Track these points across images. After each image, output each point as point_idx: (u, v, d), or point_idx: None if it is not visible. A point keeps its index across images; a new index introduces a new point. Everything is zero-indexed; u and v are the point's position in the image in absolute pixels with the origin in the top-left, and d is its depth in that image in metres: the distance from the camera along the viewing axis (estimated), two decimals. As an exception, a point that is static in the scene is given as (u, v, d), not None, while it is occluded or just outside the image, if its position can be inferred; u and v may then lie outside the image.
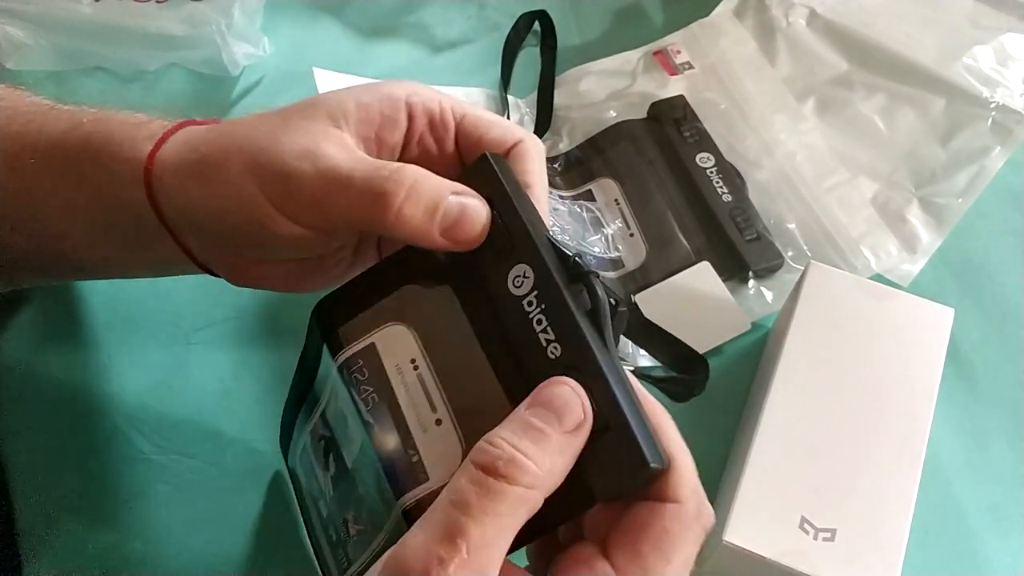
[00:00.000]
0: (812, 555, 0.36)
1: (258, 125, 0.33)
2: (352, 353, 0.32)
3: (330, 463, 0.33)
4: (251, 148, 0.32)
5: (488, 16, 0.62)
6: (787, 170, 0.54)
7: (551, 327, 0.28)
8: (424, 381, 0.30)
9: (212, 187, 0.32)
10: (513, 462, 0.25)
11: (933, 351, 0.42)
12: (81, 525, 0.42)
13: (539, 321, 0.29)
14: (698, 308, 0.49)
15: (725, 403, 0.47)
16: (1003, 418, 0.48)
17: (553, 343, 0.28)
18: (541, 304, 0.29)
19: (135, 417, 0.45)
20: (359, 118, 0.33)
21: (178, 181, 0.33)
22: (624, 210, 0.53)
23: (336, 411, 0.33)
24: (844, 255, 0.51)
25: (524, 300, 0.29)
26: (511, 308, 0.29)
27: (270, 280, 0.36)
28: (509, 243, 0.30)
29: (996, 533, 0.44)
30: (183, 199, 0.33)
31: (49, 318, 0.48)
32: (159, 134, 0.34)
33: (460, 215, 0.30)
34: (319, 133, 0.32)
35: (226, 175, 0.32)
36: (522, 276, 0.29)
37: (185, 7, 0.56)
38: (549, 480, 0.26)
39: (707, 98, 0.57)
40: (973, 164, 0.55)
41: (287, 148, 0.31)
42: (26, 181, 0.35)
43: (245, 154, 0.32)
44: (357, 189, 0.30)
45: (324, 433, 0.34)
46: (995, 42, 0.58)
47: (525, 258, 0.30)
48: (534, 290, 0.29)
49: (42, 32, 0.56)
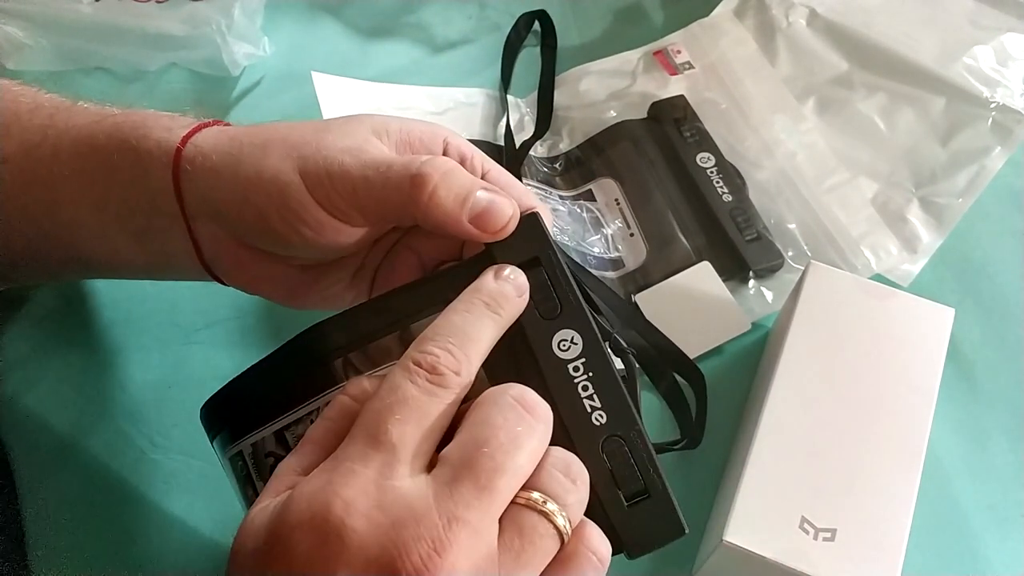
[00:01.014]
0: (812, 555, 0.36)
1: (300, 126, 0.34)
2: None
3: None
4: (295, 139, 0.33)
5: (488, 16, 0.62)
6: (787, 170, 0.54)
7: (597, 395, 0.30)
8: None
9: (247, 168, 0.33)
10: (540, 404, 0.28)
11: (933, 351, 0.42)
12: (81, 525, 0.43)
13: (585, 387, 0.30)
14: (698, 308, 0.49)
15: (725, 403, 0.47)
16: (1003, 418, 0.48)
17: (599, 410, 0.29)
18: (588, 372, 0.30)
19: (135, 417, 0.45)
20: (400, 138, 0.34)
21: (210, 164, 0.34)
22: (624, 210, 0.53)
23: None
24: (844, 255, 0.51)
25: (570, 365, 0.30)
26: (554, 369, 0.30)
27: (268, 283, 0.36)
28: (556, 305, 0.31)
29: (996, 533, 0.44)
30: (211, 180, 0.34)
31: (49, 318, 0.48)
32: (195, 124, 0.35)
33: (489, 205, 0.31)
34: (362, 138, 0.33)
35: (266, 157, 0.33)
36: (569, 341, 0.30)
37: (185, 7, 0.56)
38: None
39: (707, 98, 0.57)
40: (973, 164, 0.55)
41: (331, 143, 0.33)
42: (41, 172, 0.36)
43: (288, 143, 0.33)
44: (396, 173, 0.32)
45: (276, 451, 0.32)
46: (995, 42, 0.58)
47: (574, 325, 0.30)
48: (582, 357, 0.30)
49: (42, 32, 0.56)
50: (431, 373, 0.27)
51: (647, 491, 0.29)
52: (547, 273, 0.31)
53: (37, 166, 0.36)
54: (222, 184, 0.33)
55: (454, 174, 0.32)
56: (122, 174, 0.35)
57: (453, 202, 0.31)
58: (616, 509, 0.29)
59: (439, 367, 0.27)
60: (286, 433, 0.32)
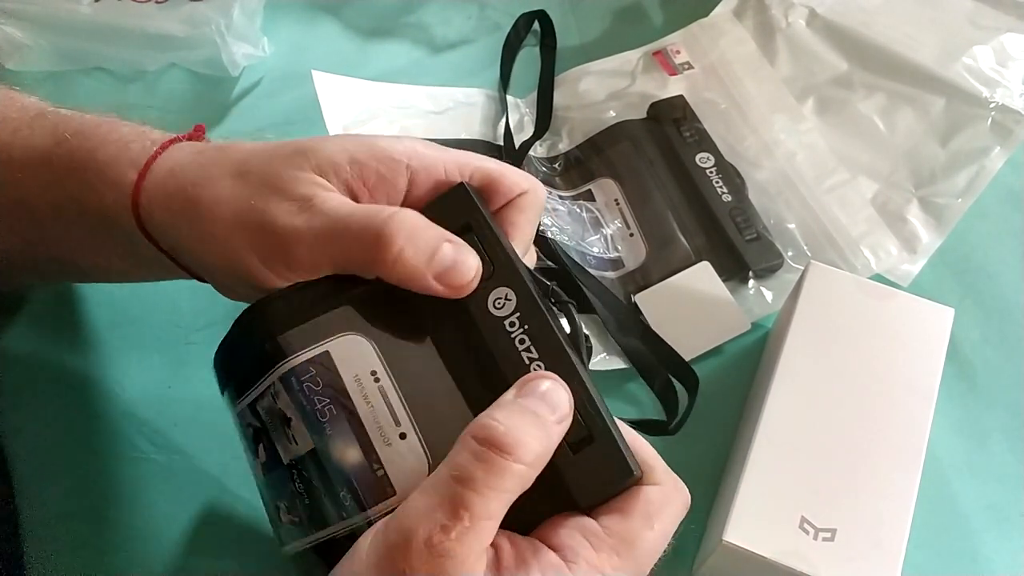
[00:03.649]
0: (812, 555, 0.36)
1: (245, 172, 0.32)
2: (303, 360, 0.31)
3: (260, 451, 0.33)
4: (238, 204, 0.32)
5: (488, 16, 0.62)
6: (787, 170, 0.54)
7: (535, 347, 0.30)
8: (386, 394, 0.30)
9: (201, 239, 0.32)
10: (515, 438, 0.27)
11: (933, 351, 0.42)
12: (81, 525, 0.42)
13: (522, 340, 0.30)
14: (698, 308, 0.49)
15: (725, 403, 0.47)
16: (1003, 418, 0.48)
17: (537, 361, 0.30)
18: (524, 325, 0.30)
19: (135, 417, 0.45)
20: (351, 175, 0.32)
21: (167, 219, 0.33)
22: (624, 210, 0.53)
23: (271, 408, 0.32)
24: (844, 255, 0.51)
25: (506, 321, 0.31)
26: (491, 327, 0.31)
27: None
28: (490, 267, 0.31)
29: (996, 533, 0.44)
30: (173, 237, 0.34)
31: (49, 318, 0.48)
32: (142, 160, 0.34)
33: (454, 262, 0.31)
34: (307, 183, 0.32)
35: (214, 229, 0.32)
36: (504, 299, 0.31)
37: (185, 7, 0.56)
38: (540, 463, 0.27)
39: (707, 98, 0.57)
40: (973, 164, 0.55)
41: (275, 206, 0.31)
42: (21, 190, 0.36)
43: (233, 207, 0.32)
44: (354, 234, 0.31)
45: (253, 423, 0.33)
46: (995, 42, 0.58)
47: (506, 281, 0.31)
48: (516, 311, 0.31)
49: (42, 32, 0.56)
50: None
51: (591, 436, 0.29)
52: (478, 236, 0.32)
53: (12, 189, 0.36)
54: (182, 243, 0.33)
55: (420, 230, 0.31)
56: (91, 209, 0.35)
57: (419, 262, 0.31)
58: (562, 458, 0.29)
59: None
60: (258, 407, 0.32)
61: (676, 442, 0.46)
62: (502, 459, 0.26)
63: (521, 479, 0.27)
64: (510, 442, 0.26)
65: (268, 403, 0.32)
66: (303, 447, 0.31)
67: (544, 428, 0.27)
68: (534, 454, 0.27)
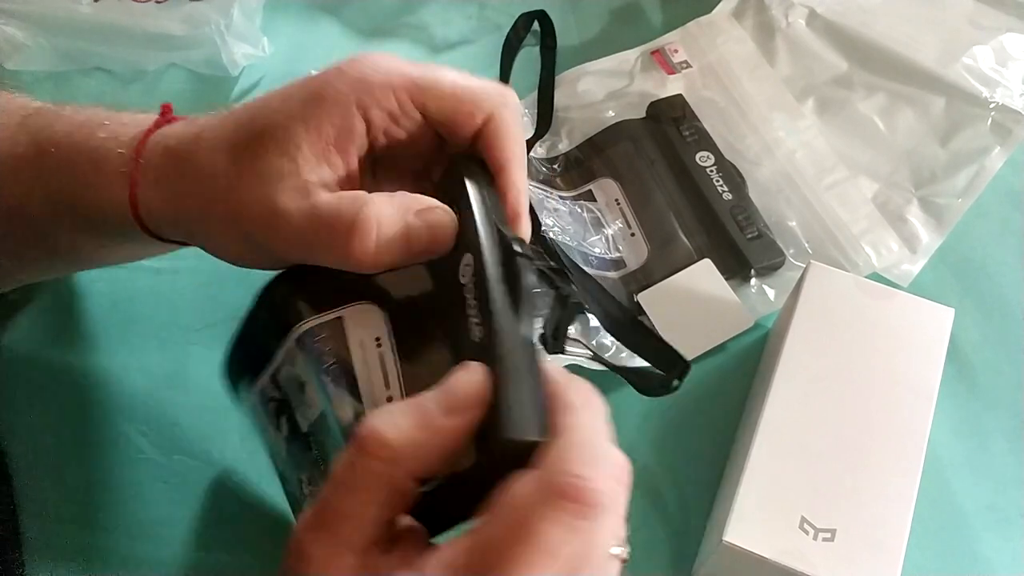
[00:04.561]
0: (812, 555, 0.36)
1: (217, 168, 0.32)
2: (316, 324, 0.32)
3: (282, 424, 0.34)
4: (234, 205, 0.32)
5: (488, 16, 0.62)
6: (787, 168, 0.54)
7: (479, 311, 0.29)
8: (384, 359, 0.31)
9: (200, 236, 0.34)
10: (373, 435, 0.26)
11: (933, 351, 0.42)
12: (81, 525, 0.42)
13: (471, 306, 0.29)
14: (701, 306, 0.49)
15: (725, 403, 0.47)
16: (1003, 418, 0.48)
17: (478, 325, 0.29)
18: (476, 290, 0.29)
19: (135, 417, 0.45)
20: (310, 141, 0.32)
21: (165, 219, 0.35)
22: (625, 210, 0.53)
23: (289, 376, 0.33)
24: (845, 252, 0.51)
25: (465, 288, 0.30)
26: (457, 297, 0.30)
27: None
28: (462, 237, 0.31)
29: (996, 533, 0.44)
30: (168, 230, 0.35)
31: (49, 318, 0.48)
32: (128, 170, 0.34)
33: (429, 231, 0.31)
34: (273, 176, 0.31)
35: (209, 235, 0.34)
36: (467, 265, 0.30)
37: (185, 7, 0.56)
38: (412, 456, 0.26)
39: (706, 97, 0.57)
40: (973, 164, 0.55)
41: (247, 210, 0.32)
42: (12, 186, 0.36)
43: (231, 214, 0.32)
44: (324, 237, 0.31)
45: (275, 395, 0.34)
46: (995, 42, 0.58)
47: (470, 248, 0.30)
48: (474, 277, 0.30)
49: (42, 32, 0.56)
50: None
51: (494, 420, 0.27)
52: (461, 210, 0.32)
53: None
54: (179, 232, 0.35)
55: (387, 217, 0.31)
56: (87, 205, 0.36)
57: (398, 245, 0.31)
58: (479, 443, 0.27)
59: None
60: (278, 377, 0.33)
61: (677, 442, 0.46)
62: (360, 458, 0.26)
63: (381, 477, 0.26)
64: (366, 438, 0.26)
65: (287, 371, 0.32)
66: (315, 412, 0.32)
67: (424, 424, 0.26)
68: (392, 449, 0.26)
